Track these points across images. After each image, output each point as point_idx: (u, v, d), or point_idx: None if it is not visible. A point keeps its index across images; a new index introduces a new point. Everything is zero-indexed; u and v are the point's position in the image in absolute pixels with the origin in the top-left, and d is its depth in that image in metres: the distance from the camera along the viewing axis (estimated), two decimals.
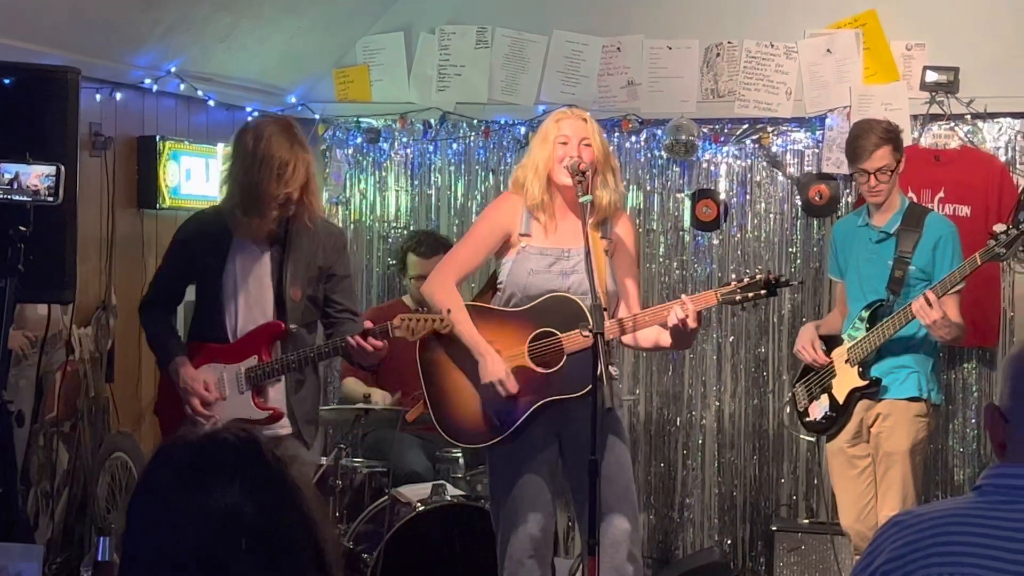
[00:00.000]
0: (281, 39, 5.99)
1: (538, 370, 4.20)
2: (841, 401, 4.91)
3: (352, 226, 6.66)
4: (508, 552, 4.21)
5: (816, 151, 6.10)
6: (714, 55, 6.16)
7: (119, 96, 5.34)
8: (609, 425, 4.13)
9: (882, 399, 4.85)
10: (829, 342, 5.03)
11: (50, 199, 3.92)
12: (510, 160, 6.31)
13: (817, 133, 6.08)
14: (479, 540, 4.65)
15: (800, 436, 5.97)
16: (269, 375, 4.27)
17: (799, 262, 6.16)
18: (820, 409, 5.00)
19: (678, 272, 6.29)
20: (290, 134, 4.26)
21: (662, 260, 6.30)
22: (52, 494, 5.00)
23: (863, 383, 4.85)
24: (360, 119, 6.55)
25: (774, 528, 5.79)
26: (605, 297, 4.06)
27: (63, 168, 3.94)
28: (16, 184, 3.89)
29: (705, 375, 6.27)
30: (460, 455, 5.31)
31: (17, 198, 3.89)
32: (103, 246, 5.30)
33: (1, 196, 3.87)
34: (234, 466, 1.65)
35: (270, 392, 4.31)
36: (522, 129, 6.30)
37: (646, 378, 6.33)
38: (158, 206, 5.55)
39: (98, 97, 5.21)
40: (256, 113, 5.90)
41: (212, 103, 5.86)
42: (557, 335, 4.18)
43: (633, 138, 6.28)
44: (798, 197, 6.15)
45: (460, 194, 6.54)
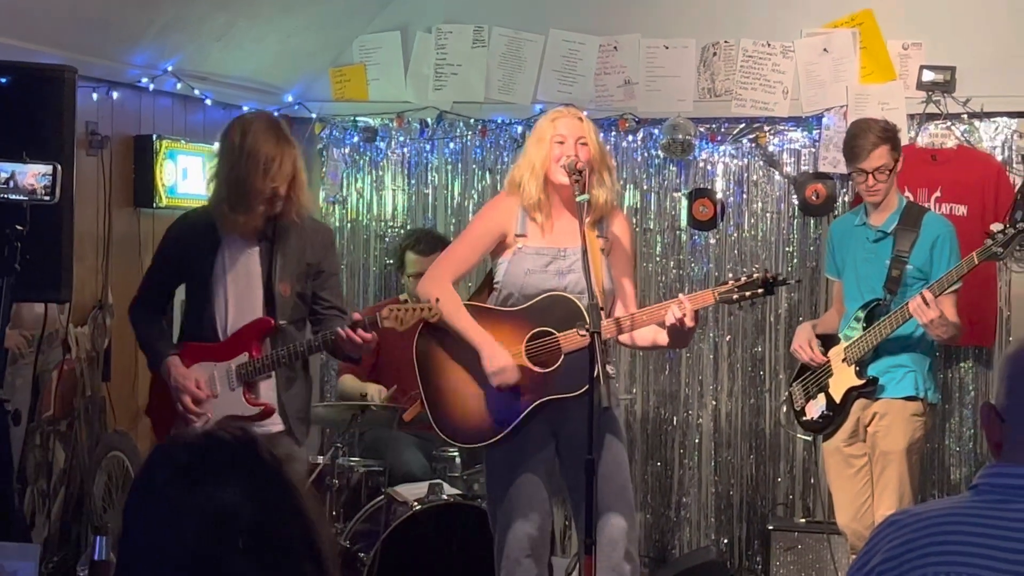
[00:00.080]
0: (278, 38, 5.99)
1: (535, 369, 4.19)
2: (838, 400, 4.91)
3: (349, 225, 6.65)
4: (505, 551, 4.21)
5: (813, 150, 6.10)
6: (711, 54, 6.16)
7: (116, 95, 5.34)
8: (606, 424, 4.13)
9: (879, 398, 4.85)
10: (826, 341, 5.03)
11: (46, 198, 3.92)
12: (507, 159, 6.30)
13: (814, 132, 6.08)
14: (476, 539, 4.65)
15: (797, 435, 5.97)
16: (260, 371, 4.27)
17: (796, 261, 6.16)
18: (817, 408, 5.00)
19: (675, 271, 6.28)
20: (276, 129, 4.26)
21: (659, 259, 6.30)
22: (49, 493, 5.00)
23: (860, 382, 4.85)
24: (357, 118, 6.54)
25: (770, 527, 5.78)
26: (602, 296, 4.06)
27: (59, 167, 3.94)
28: (12, 183, 3.89)
29: (702, 374, 6.27)
30: (457, 454, 5.31)
31: (13, 197, 3.89)
32: (99, 245, 5.29)
33: None
34: (232, 465, 1.64)
35: (261, 388, 4.31)
36: (519, 128, 6.30)
37: (643, 377, 6.33)
38: (155, 205, 5.55)
39: (95, 96, 5.21)
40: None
41: (209, 102, 5.86)
42: (554, 334, 4.18)
43: (630, 137, 6.28)
44: (795, 196, 6.14)
45: (457, 193, 6.53)
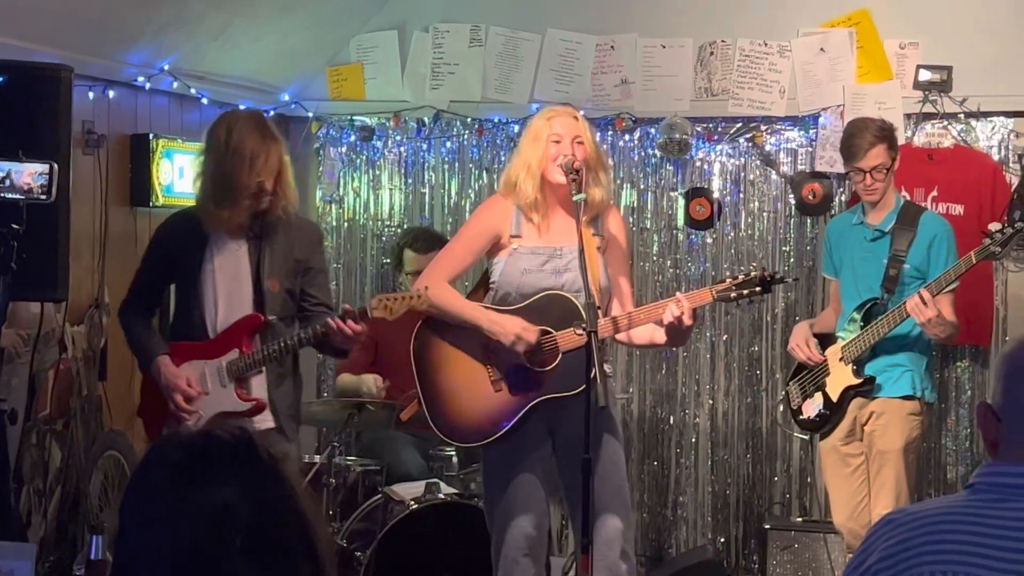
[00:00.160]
0: (274, 37, 5.98)
1: (533, 368, 4.20)
2: (835, 399, 4.91)
3: (346, 224, 6.65)
4: (503, 551, 4.20)
5: (809, 150, 6.10)
6: (708, 54, 6.16)
7: (112, 94, 5.33)
8: (603, 423, 4.13)
9: (876, 397, 4.86)
10: (823, 340, 5.03)
11: (43, 197, 3.91)
12: (504, 159, 6.29)
13: (810, 132, 6.08)
14: (472, 538, 4.65)
15: (794, 434, 5.97)
16: (251, 366, 4.27)
17: (792, 261, 6.16)
18: (814, 407, 5.00)
19: (672, 271, 6.28)
20: (261, 125, 4.27)
21: (656, 259, 6.30)
22: (45, 492, 4.99)
23: (857, 381, 4.85)
24: (354, 117, 6.54)
25: (767, 526, 5.78)
26: (598, 294, 4.06)
27: (56, 166, 3.94)
28: (9, 182, 3.89)
29: (699, 373, 6.27)
30: (453, 453, 5.31)
31: (10, 196, 3.88)
32: (96, 244, 5.28)
33: None
34: (229, 464, 1.64)
35: (252, 385, 4.31)
36: (516, 127, 6.29)
37: (639, 376, 6.33)
38: (151, 204, 5.54)
39: (91, 95, 5.20)
40: None
41: (205, 101, 5.85)
42: (552, 333, 4.18)
43: (627, 137, 6.28)
44: (792, 196, 6.14)
45: (454, 192, 6.53)
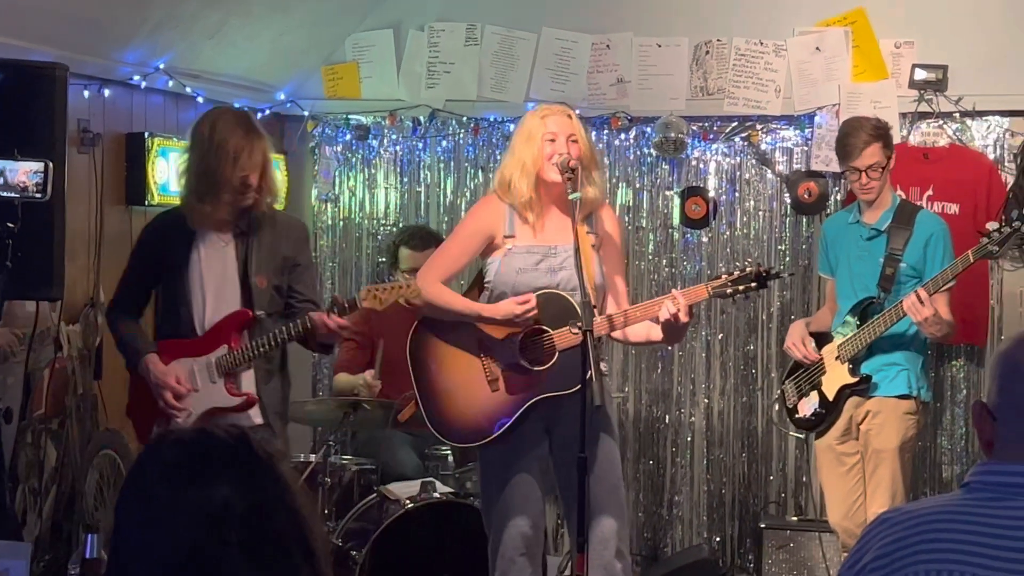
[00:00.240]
0: (270, 36, 5.98)
1: (530, 368, 4.19)
2: (831, 398, 4.91)
3: (341, 223, 6.65)
4: (500, 550, 4.20)
5: (805, 149, 6.11)
6: (703, 53, 6.16)
7: (107, 93, 5.32)
8: (599, 422, 4.12)
9: (872, 396, 4.86)
10: (819, 339, 5.03)
11: (38, 196, 3.91)
12: (499, 157, 6.29)
13: (806, 131, 6.09)
14: (468, 537, 4.65)
15: (789, 433, 5.97)
16: (240, 362, 4.26)
17: (788, 259, 6.16)
18: (810, 406, 5.00)
19: (667, 270, 6.28)
20: (245, 121, 4.28)
21: (651, 258, 6.30)
22: (40, 491, 4.99)
23: (853, 380, 4.85)
24: (349, 116, 6.53)
25: (762, 525, 5.79)
26: (594, 292, 4.05)
27: (51, 165, 3.93)
28: (4, 180, 3.88)
29: (694, 372, 6.27)
30: (449, 452, 5.31)
31: (5, 194, 3.88)
32: (91, 243, 5.27)
33: None
34: (225, 463, 1.64)
35: (242, 380, 4.31)
36: (511, 126, 6.26)
37: (635, 376, 6.33)
38: (146, 203, 5.53)
39: (86, 94, 5.19)
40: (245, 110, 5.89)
41: (201, 100, 5.84)
42: (548, 332, 4.18)
43: (622, 136, 6.28)
44: (787, 195, 6.15)
45: (449, 191, 6.53)
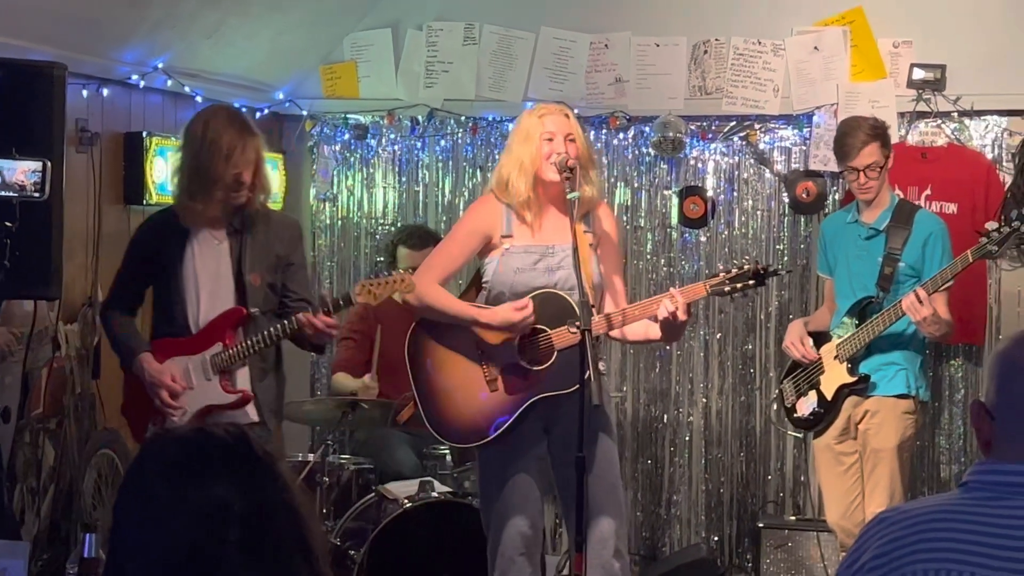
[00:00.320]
0: (268, 35, 5.98)
1: (529, 367, 4.19)
2: (829, 397, 4.91)
3: (339, 222, 6.65)
4: (499, 550, 4.20)
5: (803, 148, 6.11)
6: (702, 52, 6.16)
7: (106, 92, 5.32)
8: (597, 421, 4.12)
9: (870, 396, 4.86)
10: (818, 338, 5.03)
11: (36, 195, 3.91)
12: (498, 157, 6.27)
13: (804, 130, 6.09)
14: (466, 537, 4.64)
15: (787, 433, 5.97)
16: (235, 359, 4.26)
17: (786, 259, 6.16)
18: (808, 405, 5.00)
19: (665, 269, 6.28)
20: (238, 119, 4.29)
21: (649, 257, 6.30)
22: (38, 491, 4.99)
23: (852, 379, 4.85)
24: (347, 116, 6.53)
25: (761, 525, 5.79)
26: (592, 292, 4.05)
27: (49, 164, 3.93)
28: (2, 179, 3.88)
29: (692, 372, 6.27)
30: (447, 452, 5.30)
31: (3, 193, 3.88)
32: (89, 242, 5.27)
33: None
34: (224, 461, 1.64)
35: (237, 378, 4.30)
36: (510, 126, 6.25)
37: (633, 375, 6.33)
38: (144, 202, 5.53)
39: (85, 93, 5.19)
40: (243, 110, 5.88)
41: (199, 99, 5.84)
42: (547, 332, 4.18)
43: (621, 135, 6.28)
44: (785, 194, 6.15)
45: (447, 191, 6.53)
